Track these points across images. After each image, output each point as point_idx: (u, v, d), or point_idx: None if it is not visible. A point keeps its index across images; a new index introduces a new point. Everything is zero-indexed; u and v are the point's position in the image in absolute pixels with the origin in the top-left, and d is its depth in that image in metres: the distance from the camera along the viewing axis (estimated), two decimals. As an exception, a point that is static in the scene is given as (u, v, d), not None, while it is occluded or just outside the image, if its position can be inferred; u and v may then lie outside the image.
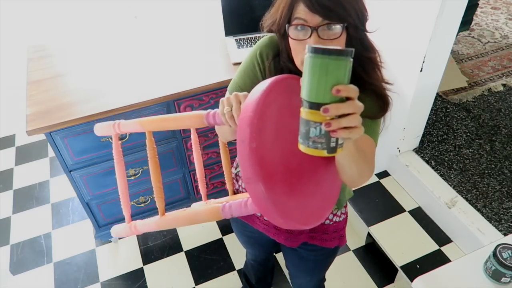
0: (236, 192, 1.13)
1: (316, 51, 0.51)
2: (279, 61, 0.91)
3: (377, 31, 0.87)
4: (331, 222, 1.11)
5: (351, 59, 0.53)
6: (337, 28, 0.77)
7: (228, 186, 1.04)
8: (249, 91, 0.73)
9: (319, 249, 1.15)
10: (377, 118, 0.87)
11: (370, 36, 0.86)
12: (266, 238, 1.19)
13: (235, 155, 1.75)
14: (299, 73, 0.74)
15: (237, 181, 1.15)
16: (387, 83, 0.87)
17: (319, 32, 0.77)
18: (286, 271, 1.93)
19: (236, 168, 1.15)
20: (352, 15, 0.77)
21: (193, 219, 0.85)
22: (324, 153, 0.57)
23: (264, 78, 0.94)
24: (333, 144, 0.57)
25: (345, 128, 0.56)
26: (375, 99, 0.85)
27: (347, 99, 0.56)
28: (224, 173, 1.03)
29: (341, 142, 0.58)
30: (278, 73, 0.87)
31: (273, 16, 0.86)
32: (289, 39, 0.82)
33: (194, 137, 0.97)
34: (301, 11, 0.77)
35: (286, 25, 0.81)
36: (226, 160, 1.01)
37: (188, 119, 0.85)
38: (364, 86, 0.79)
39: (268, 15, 0.88)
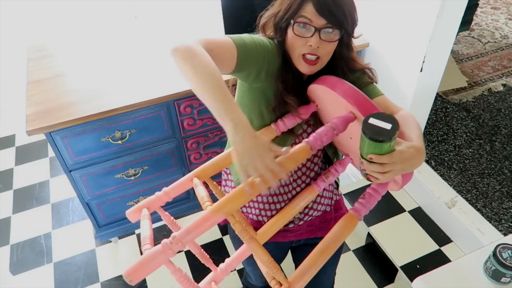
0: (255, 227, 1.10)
1: (365, 134, 0.73)
2: (285, 65, 0.95)
3: (377, 32, 0.90)
4: (339, 197, 1.18)
5: (391, 141, 0.72)
6: (337, 32, 0.87)
7: (247, 232, 0.98)
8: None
9: None
10: (374, 83, 1.02)
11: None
12: (285, 248, 1.25)
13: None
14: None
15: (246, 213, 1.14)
16: (366, 64, 1.04)
17: (321, 34, 0.86)
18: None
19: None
20: (349, 23, 0.88)
21: (335, 245, 0.90)
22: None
23: (268, 74, 0.94)
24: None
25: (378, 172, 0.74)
26: (363, 72, 1.01)
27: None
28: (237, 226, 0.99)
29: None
30: (288, 71, 0.94)
31: (275, 9, 0.92)
32: (290, 33, 0.89)
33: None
34: (309, 11, 0.85)
35: (291, 21, 0.87)
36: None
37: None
38: (352, 69, 0.99)
39: (268, 12, 0.94)
